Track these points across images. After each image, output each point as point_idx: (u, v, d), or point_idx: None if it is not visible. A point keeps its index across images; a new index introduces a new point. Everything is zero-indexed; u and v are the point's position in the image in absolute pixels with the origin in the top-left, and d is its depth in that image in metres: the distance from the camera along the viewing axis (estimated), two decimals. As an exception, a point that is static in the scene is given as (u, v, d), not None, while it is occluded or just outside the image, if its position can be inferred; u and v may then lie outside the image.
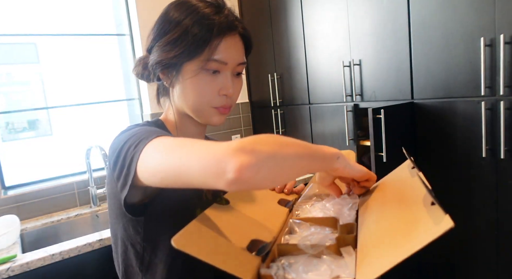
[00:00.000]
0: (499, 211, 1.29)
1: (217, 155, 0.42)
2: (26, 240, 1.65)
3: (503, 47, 1.16)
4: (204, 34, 0.62)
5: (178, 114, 0.72)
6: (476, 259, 1.39)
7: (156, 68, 0.67)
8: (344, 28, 1.75)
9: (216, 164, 0.41)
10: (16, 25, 1.92)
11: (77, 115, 2.12)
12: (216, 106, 0.67)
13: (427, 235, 0.38)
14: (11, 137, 2.01)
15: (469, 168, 1.35)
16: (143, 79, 0.73)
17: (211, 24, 0.62)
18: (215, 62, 0.64)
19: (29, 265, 1.24)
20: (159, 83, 0.72)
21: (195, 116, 0.69)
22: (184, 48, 0.63)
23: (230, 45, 0.65)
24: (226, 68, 0.66)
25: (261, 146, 0.42)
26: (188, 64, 0.64)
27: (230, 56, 0.65)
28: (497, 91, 1.21)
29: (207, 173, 0.42)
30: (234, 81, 0.68)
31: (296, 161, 0.46)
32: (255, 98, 2.58)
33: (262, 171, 0.41)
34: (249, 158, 0.40)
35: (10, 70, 2.07)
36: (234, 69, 0.67)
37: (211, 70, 0.64)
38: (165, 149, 0.50)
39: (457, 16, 1.30)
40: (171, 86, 0.69)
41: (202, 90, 0.65)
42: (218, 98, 0.67)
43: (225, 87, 0.66)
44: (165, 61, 0.65)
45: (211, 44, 0.62)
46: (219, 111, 0.68)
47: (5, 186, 1.83)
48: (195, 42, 0.62)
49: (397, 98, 1.57)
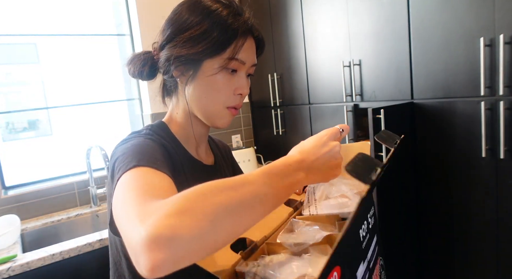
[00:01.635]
0: (499, 211, 1.29)
1: (133, 243, 0.36)
2: (26, 240, 1.65)
3: (503, 47, 1.16)
4: (231, 33, 0.63)
5: (185, 114, 0.71)
6: (476, 259, 1.39)
7: (171, 64, 0.65)
8: (344, 28, 1.75)
9: (133, 253, 0.36)
10: (16, 25, 1.92)
11: (77, 115, 2.12)
12: (230, 106, 0.68)
13: None
14: (11, 137, 2.01)
15: (469, 168, 1.35)
16: (140, 76, 0.71)
17: (237, 24, 0.64)
18: (236, 61, 0.64)
19: (29, 265, 1.24)
20: (169, 80, 0.70)
21: (204, 116, 0.69)
22: (208, 45, 0.62)
23: (250, 46, 0.67)
24: (243, 68, 0.67)
25: (185, 224, 0.35)
26: (209, 61, 0.64)
27: (249, 56, 0.67)
28: (496, 91, 1.22)
29: (131, 254, 0.38)
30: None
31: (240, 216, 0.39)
32: (255, 98, 2.58)
33: (183, 261, 0.35)
34: (163, 255, 0.33)
35: (10, 70, 2.07)
36: (248, 70, 0.69)
37: (230, 69, 0.65)
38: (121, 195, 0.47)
39: (457, 16, 1.30)
40: (186, 84, 0.68)
41: (220, 88, 0.65)
42: (233, 98, 0.67)
43: (241, 87, 0.67)
44: (185, 57, 0.64)
45: (236, 44, 0.63)
46: (231, 112, 0.69)
47: (5, 186, 1.83)
48: (220, 40, 0.62)
49: (397, 98, 1.57)
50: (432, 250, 1.54)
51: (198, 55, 0.63)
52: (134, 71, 0.71)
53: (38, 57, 2.11)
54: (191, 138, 0.73)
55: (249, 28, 0.66)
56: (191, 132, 0.73)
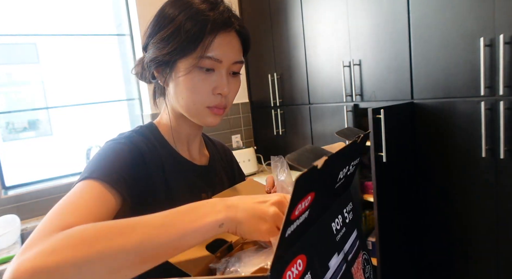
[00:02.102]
0: (499, 210, 1.29)
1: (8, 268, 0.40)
2: (26, 240, 1.66)
3: (503, 47, 1.16)
4: (198, 30, 0.60)
5: (173, 115, 0.71)
6: (476, 258, 1.39)
7: (150, 66, 0.66)
8: (344, 28, 1.75)
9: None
10: (16, 25, 1.92)
11: (77, 115, 2.12)
12: (210, 106, 0.65)
13: None
14: (12, 137, 2.01)
15: (469, 168, 1.35)
16: (142, 79, 0.72)
17: (205, 20, 0.61)
18: (208, 60, 0.61)
19: (29, 265, 1.24)
20: (155, 82, 0.70)
21: (188, 115, 0.67)
22: (177, 45, 0.61)
23: (225, 42, 0.63)
24: (221, 66, 0.63)
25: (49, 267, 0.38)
26: (182, 61, 0.62)
27: (225, 54, 0.63)
28: (496, 91, 1.22)
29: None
30: (230, 80, 0.66)
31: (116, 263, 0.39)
32: (255, 98, 2.58)
33: None
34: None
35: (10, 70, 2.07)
36: (230, 68, 0.65)
37: (204, 68, 0.62)
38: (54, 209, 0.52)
39: (457, 16, 1.30)
40: (165, 85, 0.67)
41: (195, 88, 0.63)
42: (212, 97, 0.64)
43: (220, 86, 0.64)
44: (159, 58, 0.63)
45: (205, 41, 0.60)
46: (212, 112, 0.65)
47: (5, 186, 1.83)
48: (188, 39, 0.60)
49: (397, 98, 1.57)
50: (432, 250, 1.54)
51: (170, 56, 0.62)
52: (137, 74, 0.72)
53: (38, 57, 2.11)
54: (181, 138, 0.72)
55: (222, 23, 0.62)
56: (180, 132, 0.72)
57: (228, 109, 0.68)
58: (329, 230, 0.48)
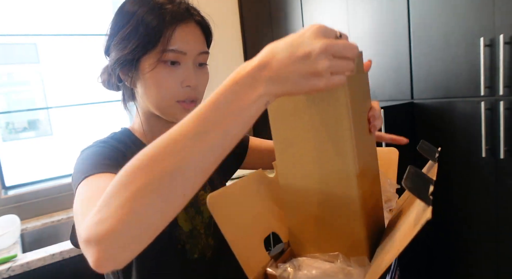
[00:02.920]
0: (499, 210, 1.29)
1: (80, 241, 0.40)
2: (26, 240, 1.65)
3: (503, 47, 1.16)
4: (156, 24, 0.59)
5: (145, 117, 0.69)
6: (476, 258, 1.39)
7: (115, 69, 0.64)
8: (344, 28, 1.75)
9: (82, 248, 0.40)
10: (16, 26, 1.92)
11: (77, 115, 2.12)
12: (180, 100, 0.63)
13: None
14: (12, 137, 2.02)
15: (469, 168, 1.35)
16: (110, 87, 0.70)
17: (163, 13, 0.60)
18: (172, 53, 0.60)
19: (29, 265, 1.24)
20: (122, 85, 0.68)
21: (160, 113, 0.66)
22: (138, 42, 0.60)
23: (186, 34, 0.62)
24: (186, 58, 0.62)
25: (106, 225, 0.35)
26: (145, 58, 0.61)
27: (188, 45, 0.62)
28: (496, 91, 1.22)
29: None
30: (198, 72, 0.64)
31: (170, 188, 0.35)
32: (255, 98, 2.57)
33: (123, 253, 0.36)
34: (98, 251, 0.35)
35: (10, 70, 2.08)
36: (196, 59, 0.64)
37: (169, 61, 0.61)
38: (75, 207, 0.51)
39: (457, 16, 1.30)
40: (133, 85, 0.66)
41: (162, 83, 0.61)
42: (181, 91, 0.62)
43: (187, 78, 0.62)
44: (122, 59, 0.62)
45: (165, 34, 0.60)
46: (183, 106, 0.63)
47: (5, 186, 1.83)
48: (148, 34, 0.59)
49: (397, 98, 1.57)
50: (431, 250, 1.54)
51: (132, 54, 0.61)
52: (104, 82, 0.70)
53: (38, 57, 2.11)
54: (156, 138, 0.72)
55: (181, 14, 0.61)
56: (155, 133, 0.70)
57: (199, 102, 0.66)
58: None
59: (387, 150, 0.60)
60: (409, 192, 0.37)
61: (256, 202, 0.51)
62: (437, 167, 0.55)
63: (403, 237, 0.39)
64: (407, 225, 0.42)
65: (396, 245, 0.40)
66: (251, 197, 0.51)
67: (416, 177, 0.41)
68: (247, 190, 0.51)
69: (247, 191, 0.50)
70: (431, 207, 0.36)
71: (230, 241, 0.41)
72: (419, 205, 0.40)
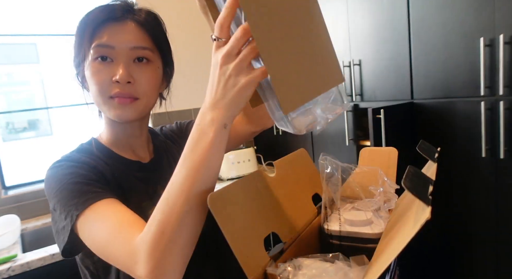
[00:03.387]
0: (499, 210, 1.29)
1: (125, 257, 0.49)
2: (26, 240, 1.65)
3: (503, 47, 1.16)
4: (83, 26, 0.63)
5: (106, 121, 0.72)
6: (476, 258, 1.39)
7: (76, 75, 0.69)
8: (344, 28, 1.75)
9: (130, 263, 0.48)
10: (16, 25, 1.92)
11: (77, 115, 2.12)
12: (112, 95, 0.63)
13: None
14: (12, 137, 2.02)
15: (469, 168, 1.35)
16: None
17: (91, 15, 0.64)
18: (99, 48, 0.62)
19: (29, 265, 1.24)
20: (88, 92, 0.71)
21: (102, 111, 0.69)
22: (77, 48, 0.65)
23: (115, 30, 0.63)
24: (116, 53, 0.63)
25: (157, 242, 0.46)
26: (85, 61, 0.65)
27: (114, 39, 0.63)
28: (496, 91, 1.22)
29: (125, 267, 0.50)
30: (134, 67, 0.64)
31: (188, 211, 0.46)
32: (255, 98, 2.57)
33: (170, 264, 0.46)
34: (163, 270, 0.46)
35: (10, 70, 2.08)
36: (130, 54, 0.64)
37: (99, 58, 0.63)
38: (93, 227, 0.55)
39: (457, 16, 1.30)
40: (87, 89, 0.69)
41: (95, 79, 0.63)
42: (112, 86, 0.63)
43: (116, 73, 0.62)
44: (75, 68, 0.68)
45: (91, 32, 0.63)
46: (116, 102, 0.64)
47: (5, 186, 1.83)
48: (78, 37, 0.63)
49: (397, 98, 1.57)
50: (431, 250, 1.54)
51: (77, 61, 0.66)
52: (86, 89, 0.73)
53: (38, 57, 2.11)
54: (123, 142, 0.72)
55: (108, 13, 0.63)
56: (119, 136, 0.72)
57: (144, 100, 0.66)
58: None
59: (386, 150, 0.60)
60: (409, 192, 0.38)
61: (256, 202, 0.51)
62: (437, 167, 0.55)
63: (403, 237, 0.39)
64: (406, 225, 0.42)
65: (395, 245, 0.40)
66: (251, 197, 0.51)
67: (415, 177, 0.42)
68: (247, 190, 0.51)
69: (247, 191, 0.51)
70: (430, 207, 0.36)
71: (230, 241, 0.41)
72: (419, 205, 0.40)
